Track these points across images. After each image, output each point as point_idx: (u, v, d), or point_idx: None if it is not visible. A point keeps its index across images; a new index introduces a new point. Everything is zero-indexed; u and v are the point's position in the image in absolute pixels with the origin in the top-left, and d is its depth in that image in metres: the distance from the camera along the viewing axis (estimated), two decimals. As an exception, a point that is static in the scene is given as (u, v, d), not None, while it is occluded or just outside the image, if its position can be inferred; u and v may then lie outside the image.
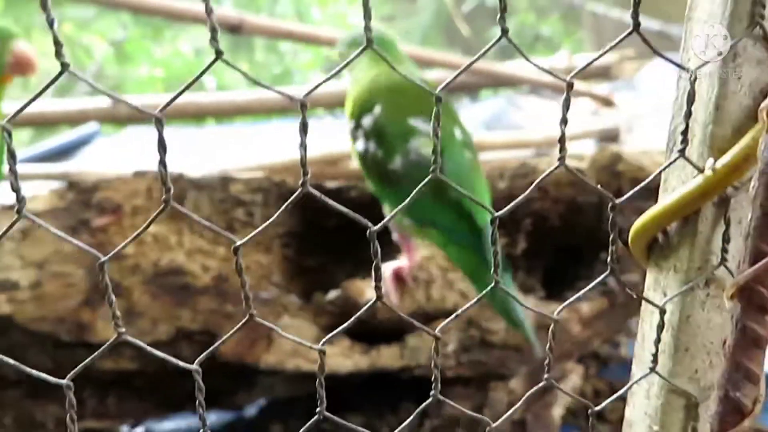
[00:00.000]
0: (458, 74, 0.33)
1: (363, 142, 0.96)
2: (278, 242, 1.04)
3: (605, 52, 0.39)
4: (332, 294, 0.98)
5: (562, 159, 0.35)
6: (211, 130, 2.31)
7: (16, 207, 0.30)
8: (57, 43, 0.27)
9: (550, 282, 1.12)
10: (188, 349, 0.97)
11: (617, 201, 0.36)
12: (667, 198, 0.36)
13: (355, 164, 1.03)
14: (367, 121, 0.95)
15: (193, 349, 0.98)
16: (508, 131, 1.91)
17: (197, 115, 2.35)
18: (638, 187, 0.38)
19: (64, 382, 0.31)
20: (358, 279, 0.98)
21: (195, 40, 4.59)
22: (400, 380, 0.99)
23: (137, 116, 2.16)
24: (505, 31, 0.32)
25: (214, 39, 0.28)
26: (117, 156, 1.92)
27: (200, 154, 1.90)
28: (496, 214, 0.35)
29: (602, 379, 1.20)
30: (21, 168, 1.36)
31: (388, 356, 0.97)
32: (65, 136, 2.06)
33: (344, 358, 0.96)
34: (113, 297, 0.31)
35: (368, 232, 0.31)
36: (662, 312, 0.37)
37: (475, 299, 0.38)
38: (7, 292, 0.92)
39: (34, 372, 0.30)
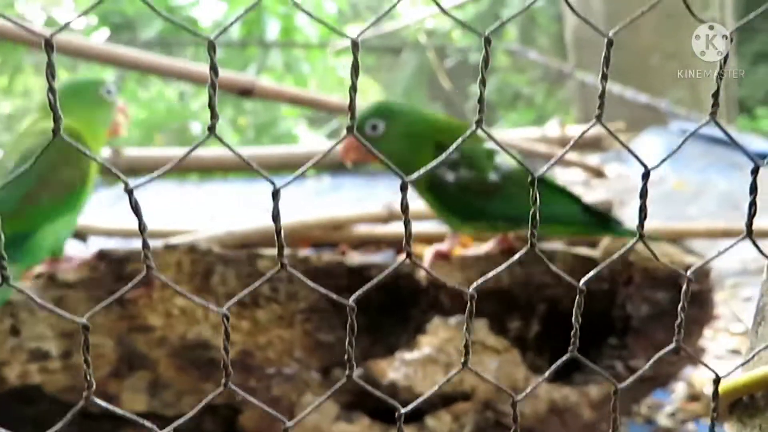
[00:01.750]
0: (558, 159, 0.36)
1: (452, 173, 1.08)
2: (300, 317, 1.06)
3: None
4: (355, 372, 1.00)
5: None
6: (210, 186, 2.34)
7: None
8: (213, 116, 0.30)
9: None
10: (211, 423, 0.99)
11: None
12: (760, 369, 0.40)
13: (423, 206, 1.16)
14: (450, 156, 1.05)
15: (216, 423, 0.99)
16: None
17: (193, 170, 2.38)
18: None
19: None
20: (380, 359, 1.01)
21: (180, 83, 4.62)
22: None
23: (137, 168, 2.18)
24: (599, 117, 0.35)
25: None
26: (118, 208, 1.94)
27: (205, 211, 1.92)
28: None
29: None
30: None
31: (407, 436, 0.99)
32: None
33: (364, 436, 0.98)
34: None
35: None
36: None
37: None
38: (38, 361, 0.93)
39: None
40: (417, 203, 1.23)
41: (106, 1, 3.99)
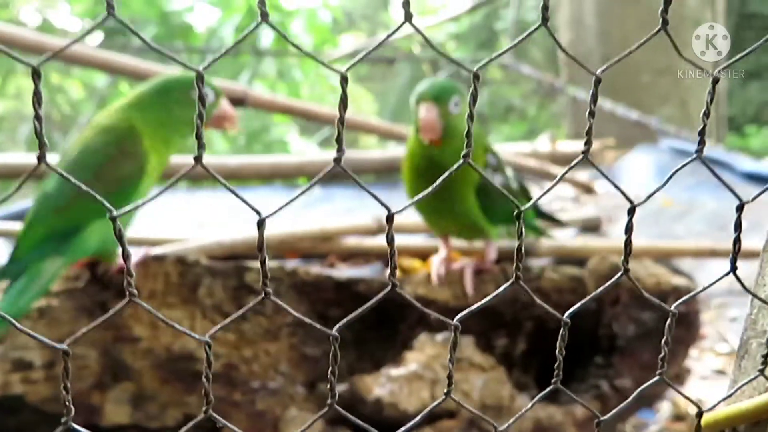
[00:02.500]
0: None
1: (500, 177, 1.10)
2: (286, 331, 1.06)
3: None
4: (340, 388, 1.00)
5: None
6: (199, 194, 2.33)
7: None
8: (200, 146, 0.30)
9: (544, 380, 1.15)
10: (194, 436, 0.99)
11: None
12: (742, 403, 0.40)
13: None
14: (492, 159, 1.10)
15: (199, 435, 0.99)
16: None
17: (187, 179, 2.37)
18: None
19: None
20: (366, 375, 1.01)
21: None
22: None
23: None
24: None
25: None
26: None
27: (193, 219, 1.92)
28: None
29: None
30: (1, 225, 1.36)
31: (391, 453, 0.99)
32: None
33: (348, 453, 0.98)
34: None
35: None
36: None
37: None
38: (21, 371, 0.93)
39: None
40: (406, 216, 1.23)
41: (99, 5, 3.97)
